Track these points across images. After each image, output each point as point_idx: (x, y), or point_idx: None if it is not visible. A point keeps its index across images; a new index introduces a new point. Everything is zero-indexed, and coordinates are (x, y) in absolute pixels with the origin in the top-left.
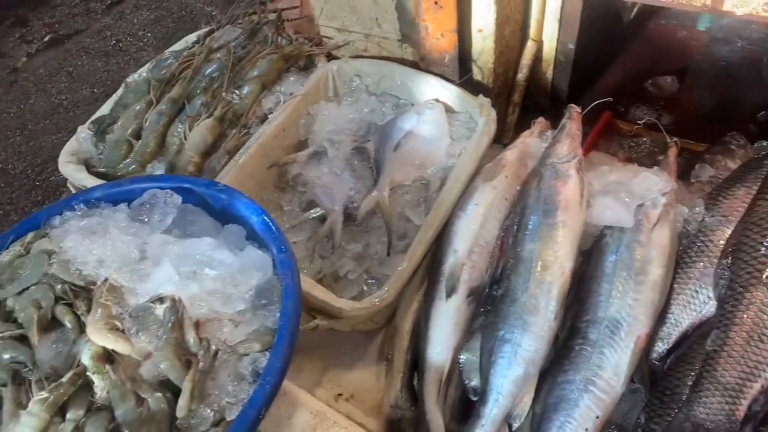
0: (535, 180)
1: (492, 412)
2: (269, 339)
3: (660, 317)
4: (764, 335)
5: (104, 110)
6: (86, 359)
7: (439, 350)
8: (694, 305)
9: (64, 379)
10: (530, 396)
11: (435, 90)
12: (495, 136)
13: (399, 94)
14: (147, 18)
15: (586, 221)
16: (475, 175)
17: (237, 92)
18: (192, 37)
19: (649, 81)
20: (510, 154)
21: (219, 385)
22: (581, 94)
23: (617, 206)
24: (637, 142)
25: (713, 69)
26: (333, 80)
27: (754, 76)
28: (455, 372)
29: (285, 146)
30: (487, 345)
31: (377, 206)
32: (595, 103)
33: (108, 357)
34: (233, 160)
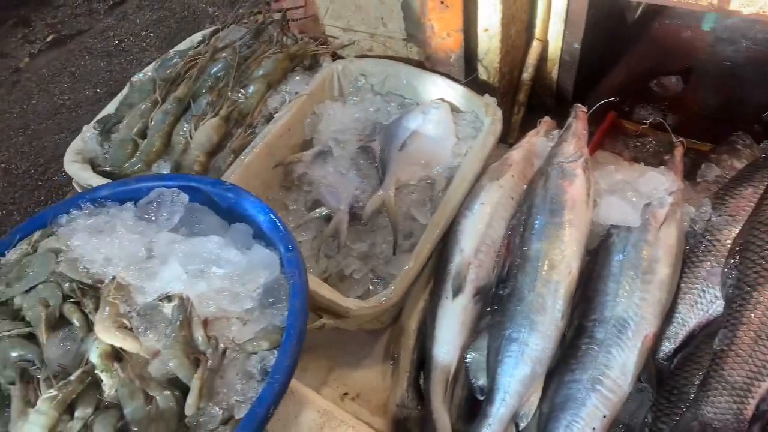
0: (542, 179)
1: (499, 412)
2: (277, 337)
3: (667, 317)
4: None
5: (109, 109)
6: (94, 357)
7: (446, 349)
8: (701, 304)
9: (73, 377)
10: (537, 395)
11: (440, 89)
12: (500, 136)
13: (404, 94)
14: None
15: (593, 220)
16: (481, 175)
17: (242, 91)
18: (197, 37)
19: (654, 81)
20: (516, 154)
21: (227, 384)
22: (586, 94)
23: (624, 205)
24: (643, 142)
25: (718, 69)
26: (338, 80)
27: (759, 76)
28: (462, 371)
29: (290, 145)
30: (494, 344)
31: (383, 205)
32: (601, 103)
33: (116, 355)
34: (239, 160)
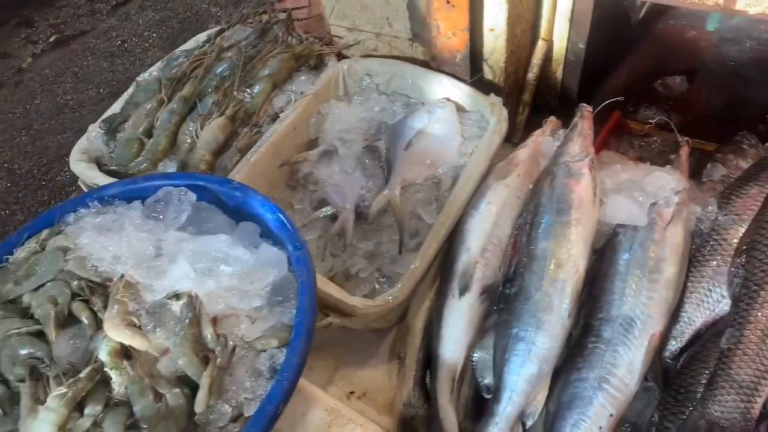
0: (548, 178)
1: (506, 410)
2: (286, 335)
3: (673, 316)
4: None
5: (115, 109)
6: (104, 355)
7: (452, 348)
8: (708, 304)
9: (82, 375)
10: (544, 394)
11: (446, 89)
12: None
13: (410, 93)
14: (152, 19)
15: (599, 219)
16: (487, 174)
17: (248, 91)
18: (202, 36)
19: (659, 81)
20: (522, 153)
21: (237, 381)
22: (591, 94)
23: (630, 204)
24: (648, 142)
25: (722, 69)
26: (343, 79)
27: (764, 77)
28: (468, 370)
29: (296, 145)
30: (501, 343)
31: (389, 205)
32: (607, 103)
33: (125, 353)
34: (245, 159)
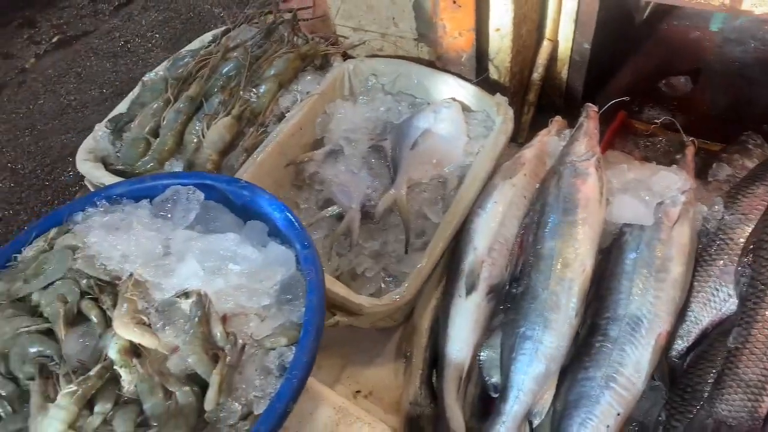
0: (555, 178)
1: (513, 409)
2: (295, 333)
3: (679, 315)
4: None
5: (121, 108)
6: (113, 353)
7: (459, 347)
8: (714, 303)
9: (92, 373)
10: (551, 393)
11: (452, 89)
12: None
13: (415, 93)
14: (155, 19)
15: (605, 219)
16: (494, 173)
17: (254, 91)
18: (208, 37)
19: (663, 81)
20: (528, 152)
21: (246, 379)
22: (595, 94)
23: (637, 204)
24: (653, 142)
25: (726, 69)
26: (349, 79)
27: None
28: (475, 369)
29: (302, 144)
30: (508, 342)
31: (395, 204)
32: (612, 103)
33: (135, 351)
34: (251, 158)
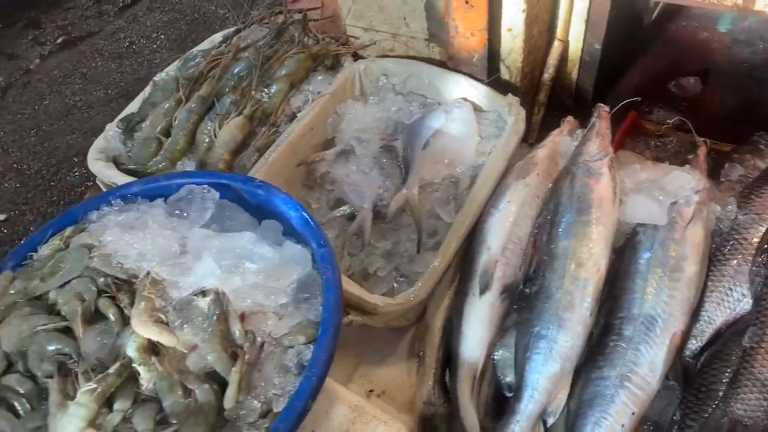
0: (568, 178)
1: (527, 408)
2: (313, 332)
3: (693, 315)
4: None
5: (132, 108)
6: (132, 351)
7: (473, 347)
8: (728, 303)
9: (111, 371)
10: (565, 392)
11: (463, 89)
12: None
13: (426, 93)
14: (160, 20)
15: (618, 219)
16: (506, 173)
17: (266, 91)
18: (218, 37)
19: (673, 82)
20: (541, 152)
21: (265, 377)
22: (605, 95)
23: (650, 204)
24: (663, 142)
25: (735, 70)
26: (360, 79)
27: None
28: (488, 368)
29: (313, 144)
30: (522, 341)
31: (407, 204)
32: (624, 103)
33: (153, 349)
34: (263, 158)
